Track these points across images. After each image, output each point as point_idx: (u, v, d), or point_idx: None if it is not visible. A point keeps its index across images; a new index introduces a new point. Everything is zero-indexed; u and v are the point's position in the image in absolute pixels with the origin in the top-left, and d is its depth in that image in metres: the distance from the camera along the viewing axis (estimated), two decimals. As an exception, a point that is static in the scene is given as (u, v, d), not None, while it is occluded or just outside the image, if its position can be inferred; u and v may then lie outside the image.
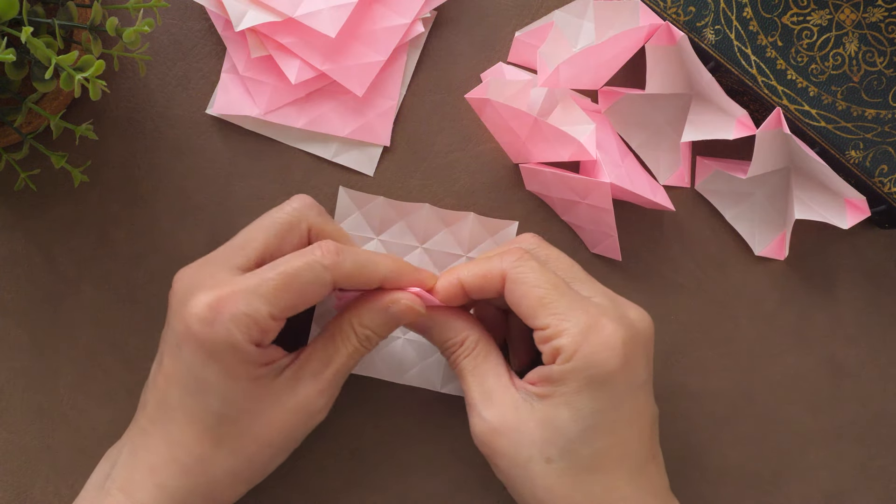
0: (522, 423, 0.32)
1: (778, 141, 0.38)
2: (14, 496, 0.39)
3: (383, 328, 0.35)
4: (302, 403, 0.33)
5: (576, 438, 0.31)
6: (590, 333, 0.31)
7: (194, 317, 0.31)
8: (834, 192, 0.38)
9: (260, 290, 0.31)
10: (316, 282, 0.32)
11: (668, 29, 0.36)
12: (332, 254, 0.32)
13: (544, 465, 0.32)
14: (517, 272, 0.33)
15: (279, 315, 0.32)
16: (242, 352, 0.31)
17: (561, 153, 0.38)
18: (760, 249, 0.41)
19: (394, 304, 0.34)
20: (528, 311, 0.32)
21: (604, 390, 0.31)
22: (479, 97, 0.38)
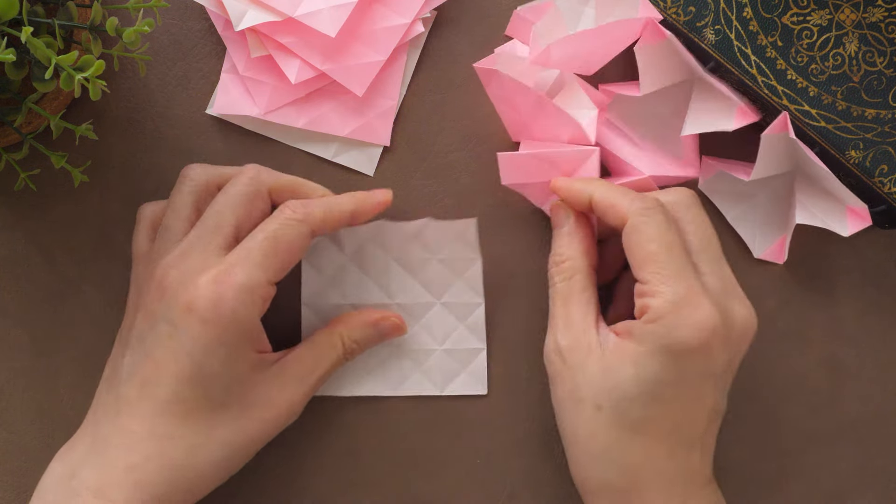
0: (589, 364, 0.33)
1: (783, 145, 0.37)
2: (14, 496, 0.39)
3: (369, 342, 0.38)
4: (287, 403, 0.34)
5: (632, 398, 0.32)
6: (683, 305, 0.31)
7: (201, 299, 0.31)
8: (836, 198, 0.38)
9: (252, 259, 0.32)
10: (297, 237, 0.34)
11: (655, 26, 0.36)
12: (301, 207, 0.34)
13: (594, 410, 0.32)
14: (639, 220, 0.33)
15: (274, 278, 0.33)
16: (248, 330, 0.32)
17: (560, 133, 0.39)
18: (760, 252, 0.41)
19: (383, 321, 0.37)
20: (636, 262, 0.33)
21: (674, 364, 0.31)
22: (487, 67, 0.38)
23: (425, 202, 0.41)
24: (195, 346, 0.31)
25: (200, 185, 0.35)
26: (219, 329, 0.31)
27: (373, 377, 0.39)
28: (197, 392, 0.32)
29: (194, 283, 0.32)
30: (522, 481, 0.40)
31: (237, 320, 0.31)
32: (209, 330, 0.31)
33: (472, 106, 0.41)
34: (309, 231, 0.34)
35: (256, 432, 0.34)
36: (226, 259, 0.32)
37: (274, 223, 0.34)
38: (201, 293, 0.31)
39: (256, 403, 0.33)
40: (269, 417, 0.34)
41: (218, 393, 0.32)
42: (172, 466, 0.32)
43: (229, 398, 0.33)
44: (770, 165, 0.38)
